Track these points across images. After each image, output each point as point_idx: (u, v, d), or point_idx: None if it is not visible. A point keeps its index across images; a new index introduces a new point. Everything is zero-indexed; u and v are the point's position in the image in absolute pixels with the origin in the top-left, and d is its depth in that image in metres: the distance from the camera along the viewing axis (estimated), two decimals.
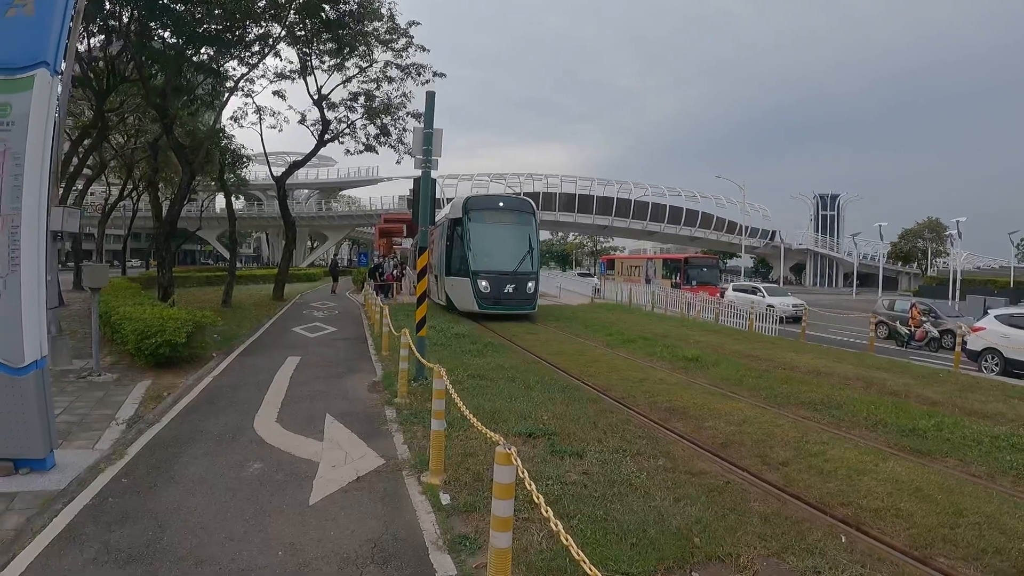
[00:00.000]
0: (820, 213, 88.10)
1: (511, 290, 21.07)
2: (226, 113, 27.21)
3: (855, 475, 6.48)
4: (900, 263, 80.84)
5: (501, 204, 23.30)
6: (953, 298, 42.48)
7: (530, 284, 21.70)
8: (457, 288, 22.09)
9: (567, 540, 3.01)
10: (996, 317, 16.53)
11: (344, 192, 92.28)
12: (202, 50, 19.43)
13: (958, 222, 50.35)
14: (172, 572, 4.24)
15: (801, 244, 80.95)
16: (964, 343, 16.17)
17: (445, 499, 5.51)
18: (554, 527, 3.09)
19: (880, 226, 51.89)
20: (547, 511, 3.21)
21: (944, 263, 72.48)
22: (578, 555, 2.91)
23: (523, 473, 3.55)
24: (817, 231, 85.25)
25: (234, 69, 22.72)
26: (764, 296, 29.86)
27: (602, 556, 4.37)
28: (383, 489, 5.86)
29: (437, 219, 27.01)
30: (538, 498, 3.34)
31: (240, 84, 23.63)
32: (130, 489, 5.69)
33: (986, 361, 15.95)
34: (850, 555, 4.71)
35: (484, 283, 20.81)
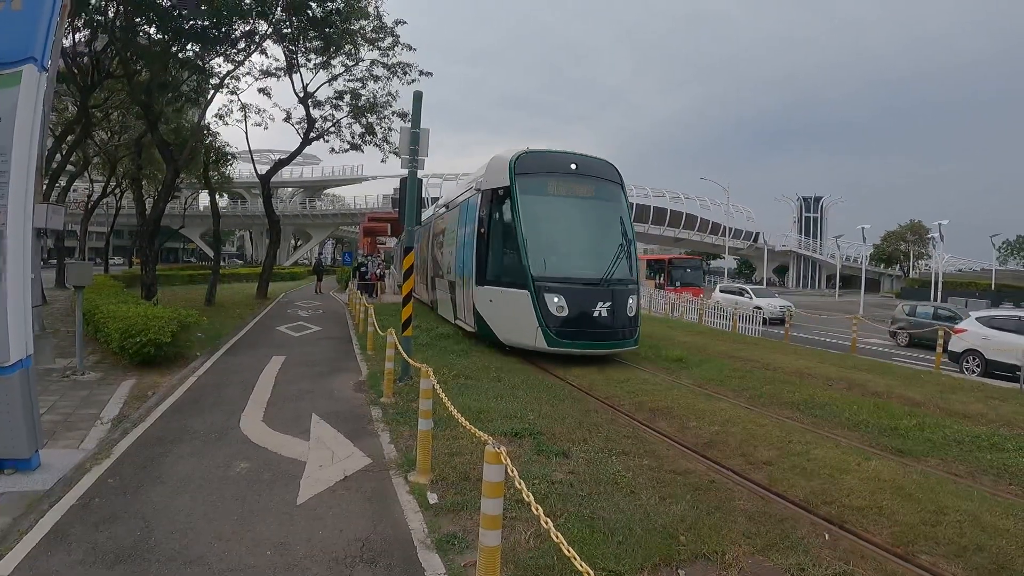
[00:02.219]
0: (803, 215, 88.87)
1: (604, 312, 12.88)
2: (211, 110, 26.94)
3: (838, 474, 6.55)
4: (883, 265, 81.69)
5: (574, 166, 14.19)
6: (934, 300, 42.89)
7: (630, 302, 13.45)
8: (502, 308, 13.65)
9: (557, 538, 3.04)
10: (977, 319, 16.77)
11: (329, 191, 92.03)
12: (188, 46, 19.31)
13: (940, 225, 50.87)
14: (161, 572, 4.23)
15: (784, 246, 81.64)
16: (946, 345, 16.37)
17: (432, 498, 5.53)
18: (545, 524, 3.12)
19: (863, 228, 52.25)
20: (537, 509, 3.24)
21: (926, 265, 73.32)
22: (568, 552, 2.95)
23: (512, 472, 3.58)
24: (800, 233, 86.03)
25: (219, 66, 22.59)
26: (751, 297, 29.96)
27: (589, 554, 4.40)
28: (370, 488, 5.87)
29: (451, 194, 21.34)
30: (528, 496, 3.37)
31: (225, 81, 23.48)
32: (117, 489, 5.66)
33: (967, 362, 16.16)
34: (833, 552, 4.78)
35: (557, 299, 12.68)
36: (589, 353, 13.01)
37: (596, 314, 12.82)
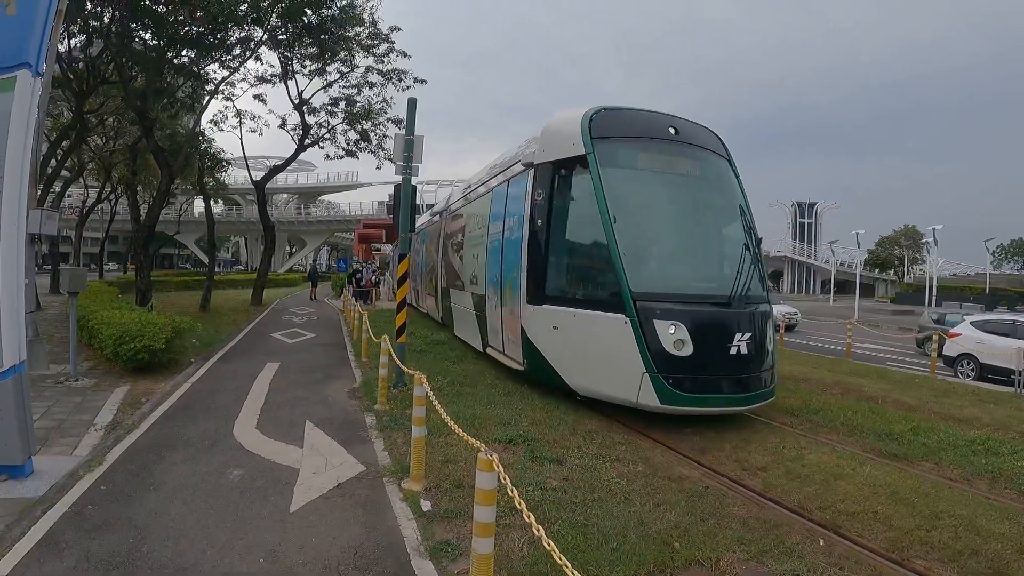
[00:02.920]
0: (798, 220, 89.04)
1: (743, 348, 8.40)
2: (206, 116, 26.98)
3: (832, 479, 6.56)
4: (877, 270, 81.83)
5: (673, 130, 9.73)
6: (929, 304, 43.02)
7: (769, 331, 9.18)
8: (576, 339, 9.13)
9: (549, 545, 3.03)
10: (972, 323, 16.80)
11: (323, 197, 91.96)
12: (183, 52, 19.30)
13: (934, 229, 50.98)
14: None
15: (779, 251, 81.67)
16: (940, 349, 16.40)
17: (426, 505, 5.51)
18: (536, 532, 3.11)
19: (857, 234, 52.32)
20: (529, 516, 3.24)
21: (921, 270, 73.48)
22: (560, 560, 2.94)
23: (505, 479, 3.58)
24: (795, 239, 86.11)
25: (215, 72, 22.62)
26: None
27: (583, 561, 4.40)
28: (364, 496, 5.84)
29: (492, 169, 13.96)
30: (520, 504, 3.37)
31: (221, 87, 23.52)
32: (110, 496, 5.64)
33: (962, 367, 16.18)
34: (828, 558, 4.78)
35: (674, 329, 8.13)
36: (723, 412, 8.65)
37: (734, 351, 8.36)
